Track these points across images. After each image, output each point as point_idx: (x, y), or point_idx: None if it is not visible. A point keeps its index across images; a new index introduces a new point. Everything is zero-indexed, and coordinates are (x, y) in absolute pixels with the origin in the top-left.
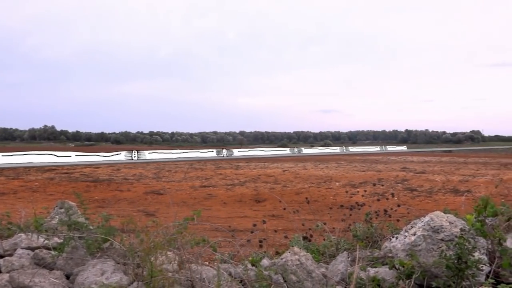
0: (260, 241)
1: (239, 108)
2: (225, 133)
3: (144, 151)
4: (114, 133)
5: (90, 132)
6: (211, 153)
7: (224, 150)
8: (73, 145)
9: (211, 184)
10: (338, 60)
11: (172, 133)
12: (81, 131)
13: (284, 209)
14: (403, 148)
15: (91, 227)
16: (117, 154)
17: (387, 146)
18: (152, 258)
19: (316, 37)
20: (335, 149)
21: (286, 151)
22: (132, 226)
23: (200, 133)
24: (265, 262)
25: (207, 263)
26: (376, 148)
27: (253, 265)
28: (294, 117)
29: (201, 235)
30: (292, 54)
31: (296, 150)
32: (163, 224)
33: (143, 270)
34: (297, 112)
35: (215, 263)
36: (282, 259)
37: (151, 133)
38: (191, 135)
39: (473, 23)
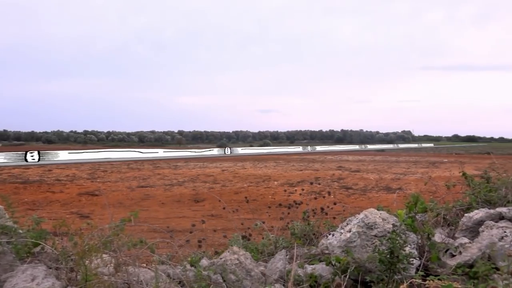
0: (199, 241)
1: (177, 107)
2: (163, 132)
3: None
4: (46, 132)
5: (19, 131)
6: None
7: (228, 149)
8: (0, 144)
9: (148, 184)
10: (277, 60)
11: (108, 132)
12: (9, 130)
13: (223, 208)
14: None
15: (20, 231)
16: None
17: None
18: (87, 261)
19: (256, 37)
20: (297, 148)
21: (299, 148)
22: (65, 229)
23: (137, 132)
24: (204, 262)
25: (144, 265)
26: (356, 147)
27: (192, 265)
28: (233, 117)
29: (138, 237)
30: (231, 54)
31: (309, 148)
32: (98, 226)
33: (77, 274)
34: (236, 112)
35: (153, 265)
36: (221, 258)
37: (86, 132)
38: (128, 134)
39: (405, 27)
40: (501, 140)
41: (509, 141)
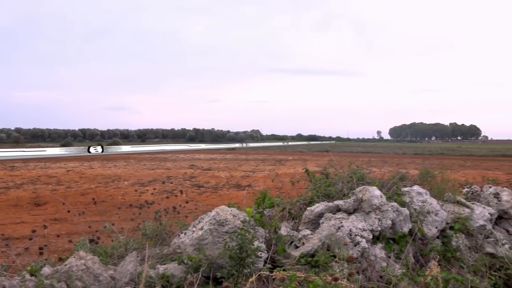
0: (41, 248)
1: (14, 102)
2: None
3: None
4: None
5: None
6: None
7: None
8: None
9: None
10: (126, 56)
11: None
12: None
13: (68, 211)
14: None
15: None
16: None
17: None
18: None
19: (103, 30)
20: (235, 145)
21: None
22: None
23: None
24: (47, 270)
25: None
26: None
27: (32, 275)
28: (79, 114)
29: None
30: (76, 47)
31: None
32: None
33: None
34: (82, 109)
35: None
36: (66, 265)
37: None
38: None
39: (254, 30)
40: (338, 139)
41: (345, 140)
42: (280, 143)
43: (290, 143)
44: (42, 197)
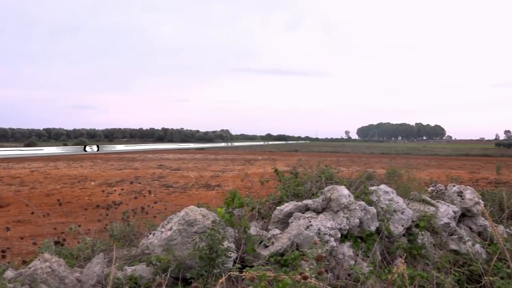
0: (3, 251)
1: None
2: None
3: None
4: None
5: None
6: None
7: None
8: None
9: None
10: (92, 55)
11: None
12: None
13: (32, 213)
14: None
15: None
16: None
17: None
18: None
19: (69, 27)
20: (220, 144)
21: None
22: None
23: None
24: (10, 273)
25: None
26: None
27: None
28: (44, 113)
29: None
30: (40, 44)
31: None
32: None
33: None
34: (47, 107)
35: None
36: (30, 268)
37: None
38: None
39: (223, 29)
40: (307, 138)
41: (314, 140)
42: (262, 142)
43: (270, 142)
44: (4, 198)
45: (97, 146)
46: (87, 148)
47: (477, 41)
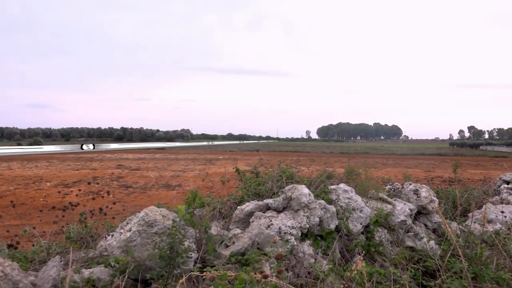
0: None
1: None
2: None
3: None
4: None
5: None
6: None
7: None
8: None
9: None
10: (47, 51)
11: None
12: None
13: None
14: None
15: None
16: None
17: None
18: None
19: (22, 23)
20: (204, 144)
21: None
22: None
23: None
24: None
25: None
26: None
27: None
28: None
29: None
30: None
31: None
32: None
33: None
34: None
35: None
36: None
37: None
38: None
39: (183, 28)
40: (268, 138)
41: (274, 139)
42: (237, 142)
43: (245, 142)
44: None
45: (93, 145)
46: (84, 147)
47: (434, 43)
